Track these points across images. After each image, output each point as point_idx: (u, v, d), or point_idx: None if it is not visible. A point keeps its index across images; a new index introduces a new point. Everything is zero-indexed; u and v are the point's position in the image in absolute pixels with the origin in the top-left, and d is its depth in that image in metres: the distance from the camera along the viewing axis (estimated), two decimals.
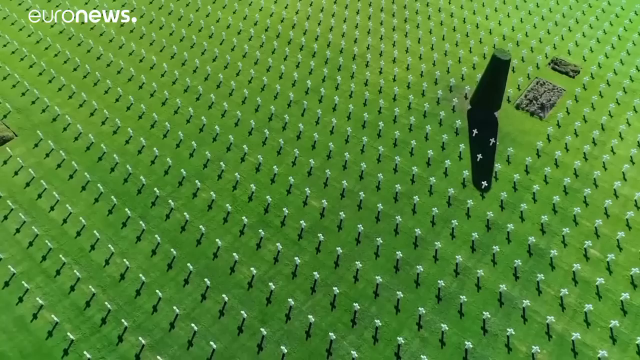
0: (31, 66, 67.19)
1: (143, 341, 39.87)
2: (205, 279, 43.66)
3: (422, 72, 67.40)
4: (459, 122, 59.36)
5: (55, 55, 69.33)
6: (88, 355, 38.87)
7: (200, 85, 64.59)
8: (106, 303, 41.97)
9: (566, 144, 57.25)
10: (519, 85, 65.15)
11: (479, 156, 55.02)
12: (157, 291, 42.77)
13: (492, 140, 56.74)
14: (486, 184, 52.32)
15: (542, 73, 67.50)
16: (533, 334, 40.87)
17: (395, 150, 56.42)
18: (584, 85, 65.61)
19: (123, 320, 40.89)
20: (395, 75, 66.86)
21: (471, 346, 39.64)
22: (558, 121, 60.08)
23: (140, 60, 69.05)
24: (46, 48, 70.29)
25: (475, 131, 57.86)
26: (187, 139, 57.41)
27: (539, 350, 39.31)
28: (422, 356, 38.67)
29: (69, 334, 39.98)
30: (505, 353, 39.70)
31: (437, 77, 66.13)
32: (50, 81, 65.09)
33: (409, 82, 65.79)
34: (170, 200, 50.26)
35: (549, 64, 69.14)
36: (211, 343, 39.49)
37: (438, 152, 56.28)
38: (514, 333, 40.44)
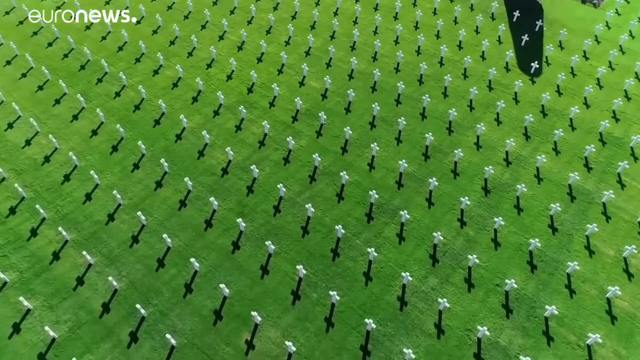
0: None
1: (67, 236, 27.59)
2: (163, 161, 31.38)
3: None
4: (496, 5, 47.17)
5: None
6: None
7: None
8: (18, 188, 29.56)
9: (631, 30, 45.36)
10: None
11: (524, 38, 42.99)
12: (94, 174, 30.44)
13: (539, 23, 44.70)
14: (537, 66, 40.38)
15: None
16: (621, 234, 29.05)
17: (416, 32, 44.22)
18: None
19: (40, 210, 28.53)
20: None
21: (538, 246, 27.83)
22: (617, 9, 48.18)
23: None
24: None
25: (517, 14, 45.83)
26: (150, 16, 44.83)
27: (634, 251, 27.56)
28: (469, 256, 26.82)
29: None
30: (586, 256, 27.87)
31: None
32: None
33: None
34: (122, 76, 37.77)
35: None
36: (165, 237, 27.28)
37: (472, 36, 44.16)
38: (596, 231, 28.65)
